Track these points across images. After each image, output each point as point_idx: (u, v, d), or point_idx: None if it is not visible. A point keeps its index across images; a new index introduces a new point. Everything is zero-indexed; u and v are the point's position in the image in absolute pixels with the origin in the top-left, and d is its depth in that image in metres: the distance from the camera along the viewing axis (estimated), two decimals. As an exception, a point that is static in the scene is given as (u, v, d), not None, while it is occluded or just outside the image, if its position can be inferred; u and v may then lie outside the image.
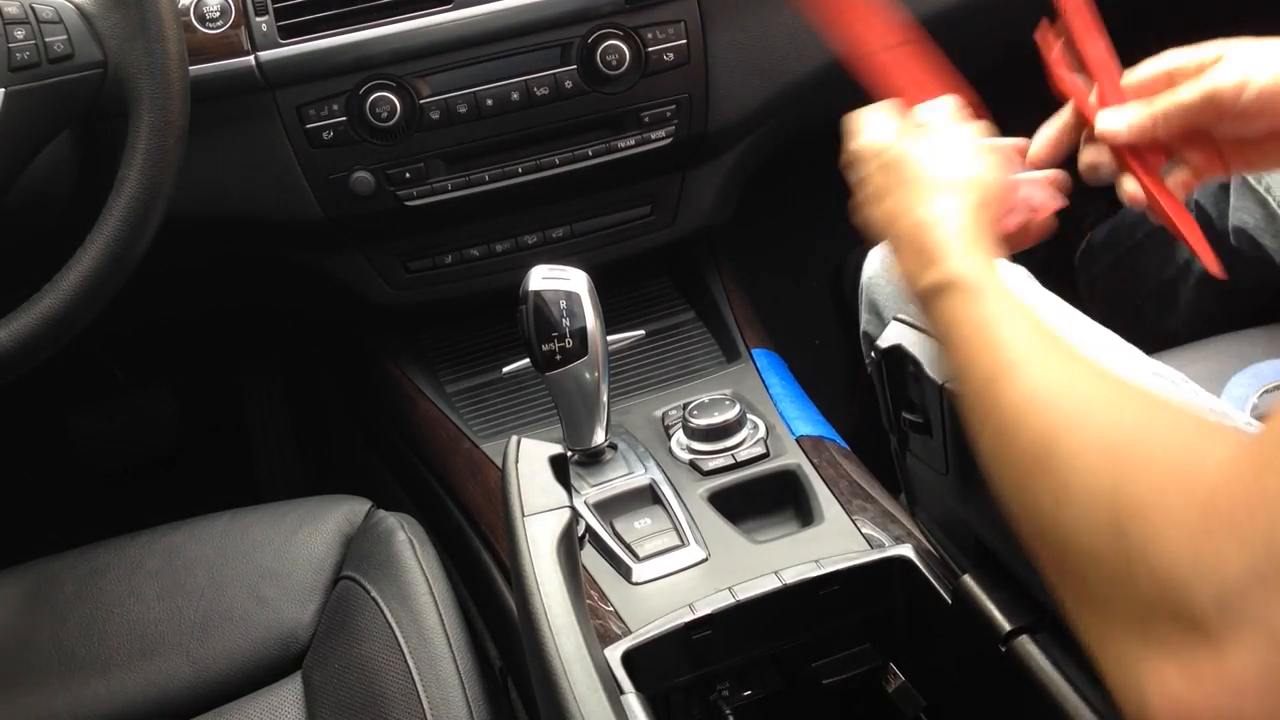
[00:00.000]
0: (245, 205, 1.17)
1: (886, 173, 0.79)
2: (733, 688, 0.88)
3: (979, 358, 0.65)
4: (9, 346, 0.88)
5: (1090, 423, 0.57)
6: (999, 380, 0.62)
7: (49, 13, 0.92)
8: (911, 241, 0.74)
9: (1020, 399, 0.61)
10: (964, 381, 0.67)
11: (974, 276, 0.69)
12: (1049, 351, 0.63)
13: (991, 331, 0.65)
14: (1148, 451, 0.53)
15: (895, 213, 0.76)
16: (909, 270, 0.74)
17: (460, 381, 1.30)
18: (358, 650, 0.95)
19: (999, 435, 0.62)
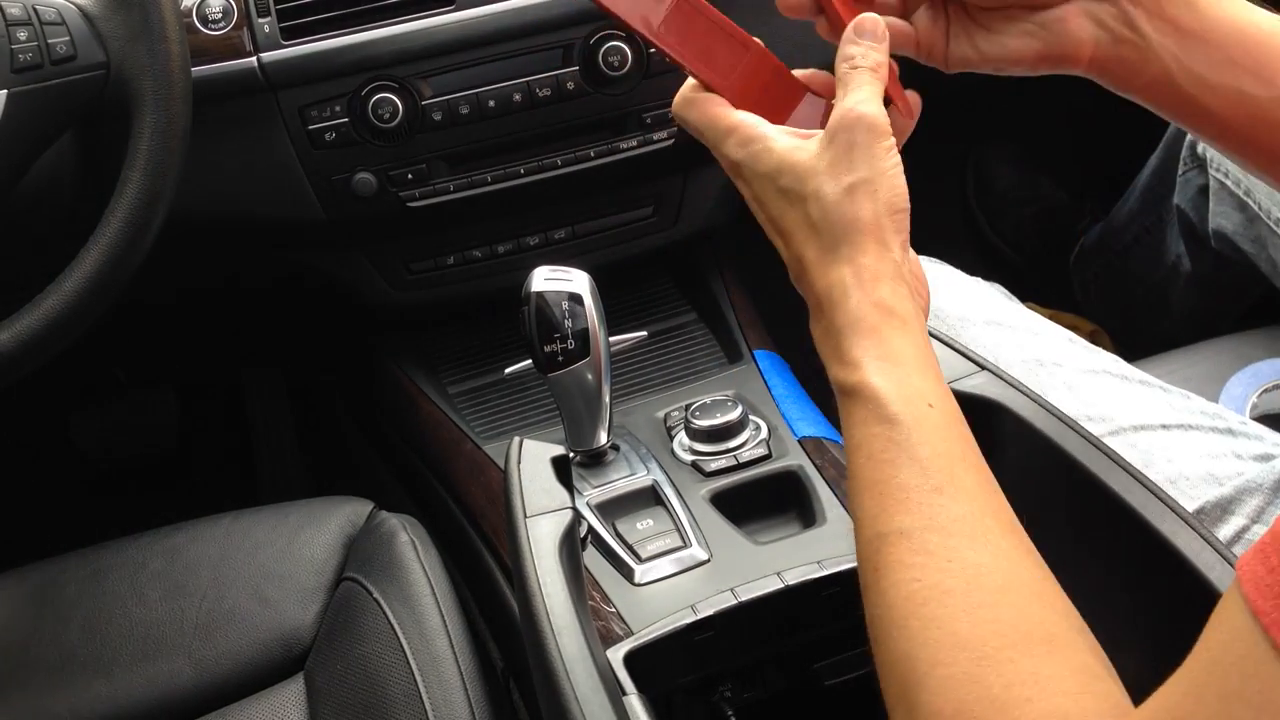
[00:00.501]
0: (247, 206, 1.17)
1: (784, 205, 0.67)
2: (735, 689, 0.88)
3: (868, 495, 0.60)
4: (11, 347, 0.88)
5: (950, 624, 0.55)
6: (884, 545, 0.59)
7: (51, 14, 0.92)
8: (822, 315, 0.66)
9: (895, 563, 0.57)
10: (852, 504, 0.62)
11: (881, 384, 0.62)
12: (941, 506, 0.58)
13: (885, 465, 0.60)
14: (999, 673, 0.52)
15: (804, 266, 0.66)
16: (817, 341, 0.67)
17: (462, 382, 1.30)
18: (360, 651, 0.95)
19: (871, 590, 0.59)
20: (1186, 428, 0.95)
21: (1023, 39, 0.73)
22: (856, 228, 0.64)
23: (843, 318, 0.64)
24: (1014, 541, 0.58)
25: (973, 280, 1.13)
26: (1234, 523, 0.88)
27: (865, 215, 0.64)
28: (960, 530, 0.57)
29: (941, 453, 0.60)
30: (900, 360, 0.63)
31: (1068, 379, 0.99)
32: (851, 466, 0.62)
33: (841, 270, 0.64)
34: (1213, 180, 1.22)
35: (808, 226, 0.65)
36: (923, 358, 0.64)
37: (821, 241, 0.65)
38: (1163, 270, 1.44)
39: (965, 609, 0.55)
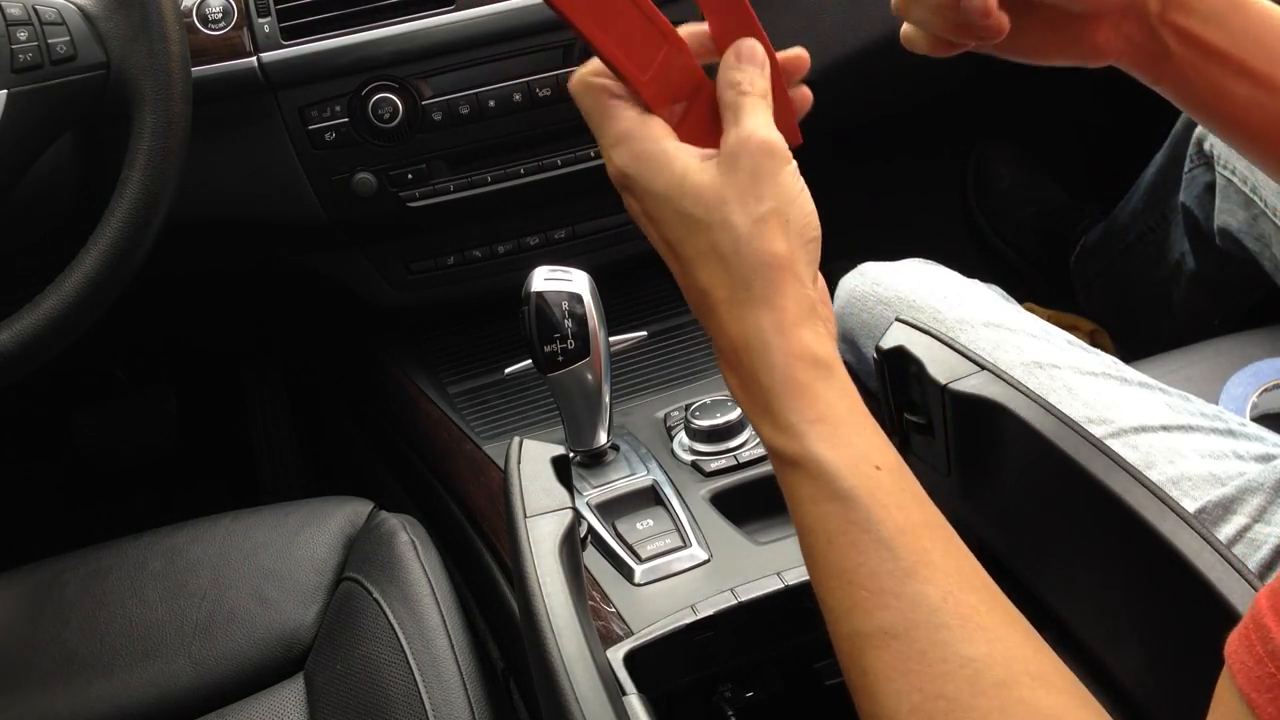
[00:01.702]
0: (247, 206, 1.17)
1: (684, 228, 0.60)
2: (735, 689, 0.88)
3: (836, 585, 0.57)
4: (11, 347, 0.88)
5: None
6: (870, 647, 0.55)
7: (51, 14, 0.92)
8: (741, 368, 0.60)
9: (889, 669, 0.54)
10: (818, 591, 0.59)
11: (825, 454, 0.57)
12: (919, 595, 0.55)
13: (848, 550, 0.56)
14: None
15: (712, 303, 0.60)
16: (744, 405, 0.61)
17: (462, 382, 1.30)
18: (360, 651, 0.95)
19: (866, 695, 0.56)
20: (1187, 429, 0.95)
21: (1044, 35, 0.74)
22: (772, 264, 0.59)
23: (767, 375, 0.58)
24: (998, 617, 0.56)
25: (970, 282, 1.13)
26: (1235, 522, 0.88)
27: (780, 250, 0.59)
28: (946, 621, 0.54)
29: (903, 527, 0.56)
30: (837, 420, 0.58)
31: (1067, 381, 0.99)
32: (808, 550, 0.58)
33: (759, 315, 0.59)
34: (1219, 177, 1.22)
35: (715, 259, 0.60)
36: (854, 408, 0.59)
37: (732, 278, 0.59)
38: (1166, 269, 1.44)
39: (975, 717, 0.52)
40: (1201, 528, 0.75)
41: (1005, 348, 1.01)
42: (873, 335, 1.18)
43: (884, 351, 0.82)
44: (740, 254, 0.59)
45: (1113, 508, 0.71)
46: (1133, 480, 0.79)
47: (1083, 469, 0.74)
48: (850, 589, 0.56)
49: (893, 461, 0.59)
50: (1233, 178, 1.20)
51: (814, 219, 0.61)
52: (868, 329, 1.19)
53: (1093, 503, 0.71)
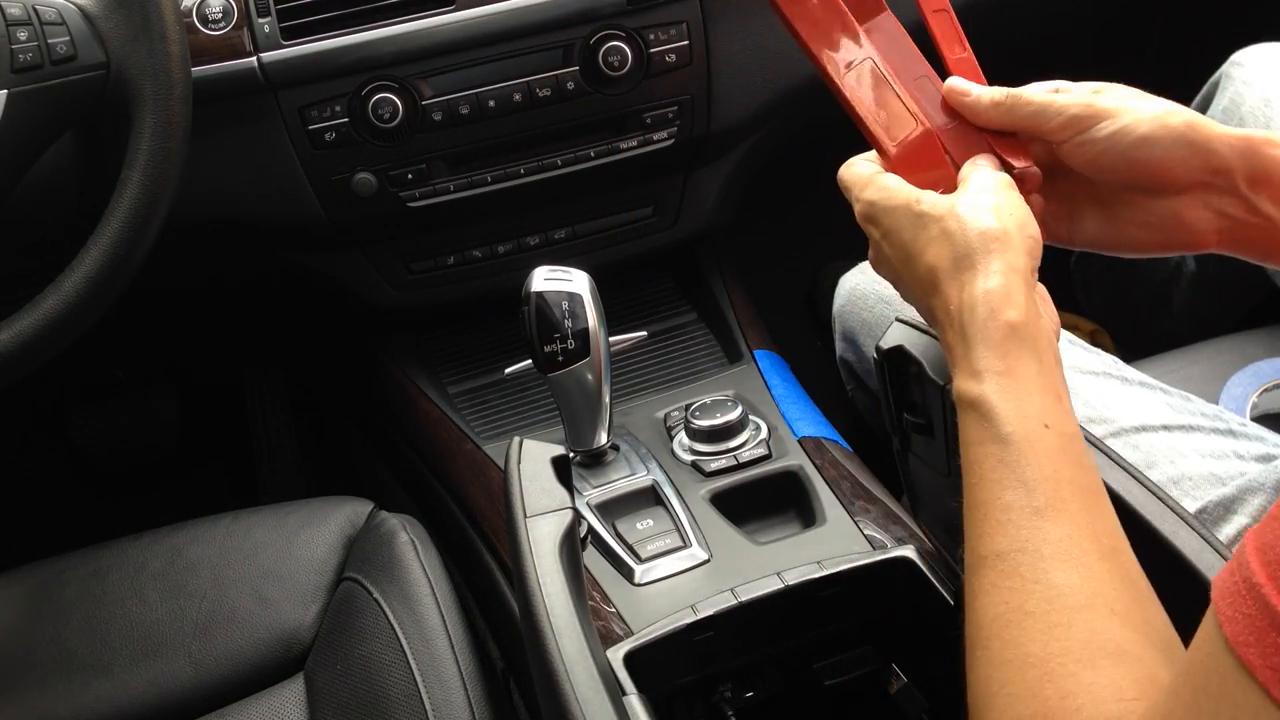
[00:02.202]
0: (247, 206, 1.17)
1: (919, 227, 0.70)
2: (735, 689, 0.88)
3: (975, 515, 0.62)
4: (11, 347, 0.88)
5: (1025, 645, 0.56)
6: (981, 567, 0.60)
7: (52, 14, 0.92)
8: (952, 325, 0.67)
9: (988, 585, 0.59)
10: (964, 521, 0.64)
11: (999, 401, 0.63)
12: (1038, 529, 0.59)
13: (992, 485, 0.62)
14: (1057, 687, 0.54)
15: (931, 278, 0.69)
16: (946, 354, 0.69)
17: (462, 382, 1.30)
18: (360, 651, 0.95)
19: (968, 610, 0.61)
20: (1188, 429, 0.95)
21: (1140, 229, 0.75)
22: (992, 236, 0.67)
23: (972, 327, 0.65)
24: (1110, 564, 0.59)
25: None
26: (1236, 522, 0.88)
27: (1002, 227, 0.67)
28: (1053, 553, 0.58)
29: (1049, 475, 0.61)
30: (1021, 377, 0.64)
31: (1068, 381, 0.99)
32: (966, 487, 0.64)
33: (974, 279, 0.66)
34: None
35: (943, 238, 0.68)
36: (1045, 378, 0.65)
37: (956, 250, 0.67)
38: (1166, 270, 1.44)
39: (1041, 629, 0.56)
40: (1201, 528, 0.75)
41: None
42: (874, 334, 1.18)
43: (884, 351, 0.82)
44: (964, 230, 0.68)
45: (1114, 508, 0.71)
46: (1133, 480, 0.79)
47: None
48: (984, 520, 0.61)
49: (1067, 429, 0.64)
50: None
51: (1033, 221, 0.70)
52: (868, 327, 1.19)
53: (1093, 503, 0.71)
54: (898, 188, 0.72)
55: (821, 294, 1.62)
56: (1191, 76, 1.27)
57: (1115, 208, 0.76)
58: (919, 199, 0.71)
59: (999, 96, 0.75)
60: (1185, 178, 0.72)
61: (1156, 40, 1.76)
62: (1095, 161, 0.73)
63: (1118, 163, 0.72)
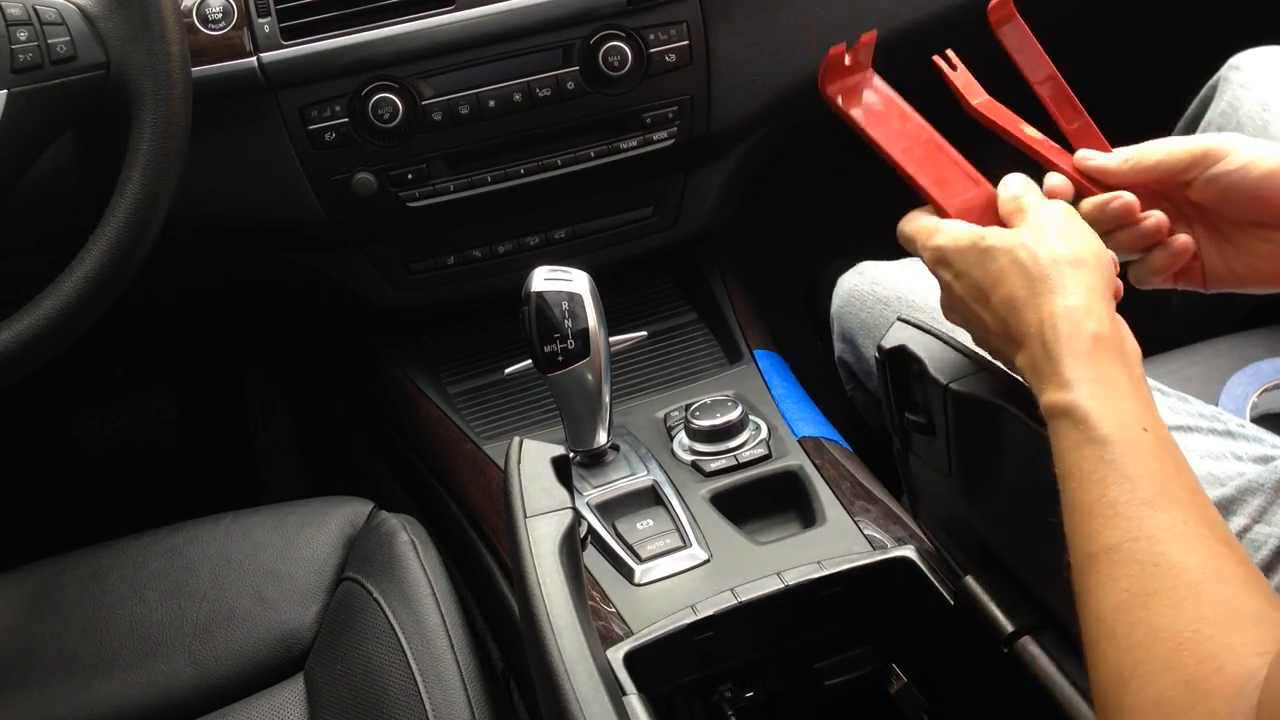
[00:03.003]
0: (247, 206, 1.17)
1: (988, 261, 0.72)
2: (735, 689, 0.88)
3: (1080, 516, 0.62)
4: (11, 348, 0.88)
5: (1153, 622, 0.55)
6: (1094, 564, 0.60)
7: (52, 14, 0.92)
8: (1030, 344, 0.69)
9: (1104, 578, 0.59)
10: (1066, 525, 0.63)
11: (1094, 406, 0.64)
12: (1149, 518, 0.59)
13: (1095, 485, 0.62)
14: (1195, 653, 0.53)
15: (1009, 307, 0.70)
16: (1029, 376, 0.69)
17: (462, 382, 1.30)
18: (360, 651, 0.95)
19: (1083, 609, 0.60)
20: (1186, 430, 0.95)
21: (1270, 261, 0.77)
22: (1069, 260, 0.69)
23: (1055, 344, 0.66)
24: (1228, 548, 0.59)
25: None
26: (1235, 523, 0.88)
27: (1069, 251, 0.70)
28: (1169, 537, 0.58)
29: (1153, 471, 0.61)
30: (1113, 384, 0.65)
31: None
32: (1064, 493, 0.64)
33: (1053, 300, 0.68)
34: None
35: (1016, 268, 0.70)
36: (1136, 387, 0.66)
37: (1030, 277, 0.69)
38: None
39: (1169, 604, 0.56)
40: (1202, 528, 0.75)
41: None
42: (872, 335, 1.18)
43: (886, 351, 0.82)
44: (1037, 257, 0.70)
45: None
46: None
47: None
48: (1090, 518, 0.61)
49: (1163, 434, 0.64)
50: None
51: (1101, 245, 0.73)
52: (867, 329, 1.19)
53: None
54: (962, 229, 0.75)
55: (821, 294, 1.62)
56: (1190, 79, 1.27)
57: (1244, 242, 0.77)
58: (984, 235, 0.73)
59: (1127, 155, 0.79)
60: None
61: (1156, 42, 1.76)
62: (1226, 194, 0.75)
63: (1247, 196, 0.74)
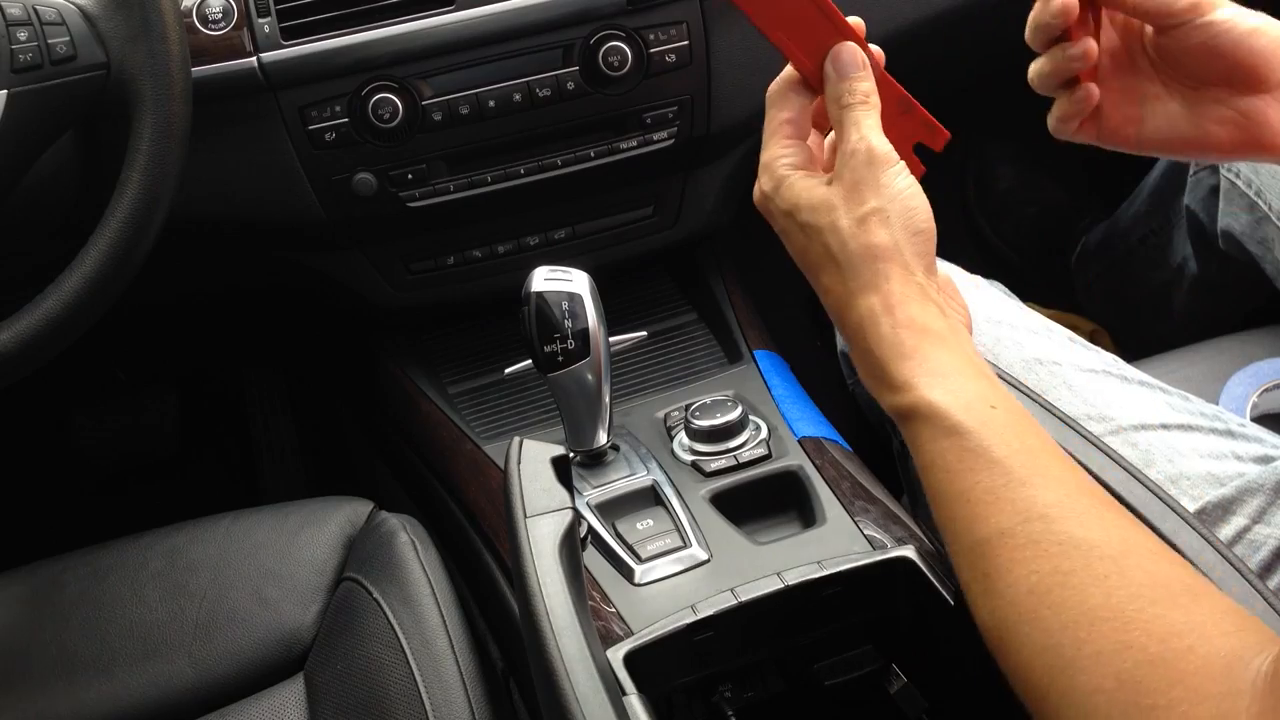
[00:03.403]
0: (247, 207, 1.17)
1: (806, 240, 0.69)
2: (735, 689, 0.88)
3: (954, 506, 0.60)
4: (11, 348, 0.88)
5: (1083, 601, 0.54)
6: (987, 549, 0.58)
7: (51, 14, 0.92)
8: (858, 347, 0.67)
9: (1006, 562, 0.57)
10: (938, 519, 0.62)
11: (936, 399, 0.62)
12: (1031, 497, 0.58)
13: (964, 475, 0.60)
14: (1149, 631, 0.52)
15: (833, 300, 0.68)
16: (866, 380, 0.67)
17: (462, 383, 1.30)
18: (360, 651, 0.95)
19: (985, 595, 0.58)
20: (1187, 428, 0.95)
21: (1224, 125, 0.74)
22: (875, 254, 0.66)
23: (879, 346, 0.65)
24: (1116, 514, 0.58)
25: (972, 278, 1.13)
26: (1235, 523, 0.88)
27: (882, 241, 0.66)
28: (1060, 514, 0.57)
29: (1018, 449, 0.60)
30: (946, 372, 0.63)
31: (1067, 378, 0.99)
32: (930, 486, 0.62)
33: (869, 299, 0.66)
34: (1224, 180, 1.22)
35: (829, 259, 0.67)
36: (970, 366, 0.64)
37: (844, 272, 0.67)
38: (1168, 272, 1.44)
39: (1093, 581, 0.54)
40: (1201, 528, 0.75)
41: (1006, 344, 1.01)
42: None
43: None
44: (848, 249, 0.66)
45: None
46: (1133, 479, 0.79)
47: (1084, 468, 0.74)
48: (968, 504, 0.60)
49: (1010, 404, 0.63)
50: (1237, 180, 1.20)
51: (920, 213, 0.68)
52: None
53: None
54: (784, 183, 0.70)
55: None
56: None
57: (1199, 105, 0.75)
58: (799, 206, 0.69)
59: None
60: (1271, 76, 0.73)
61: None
62: (1208, 45, 0.72)
63: (1227, 48, 0.72)
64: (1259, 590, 0.70)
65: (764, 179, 0.72)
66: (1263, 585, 0.71)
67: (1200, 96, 0.75)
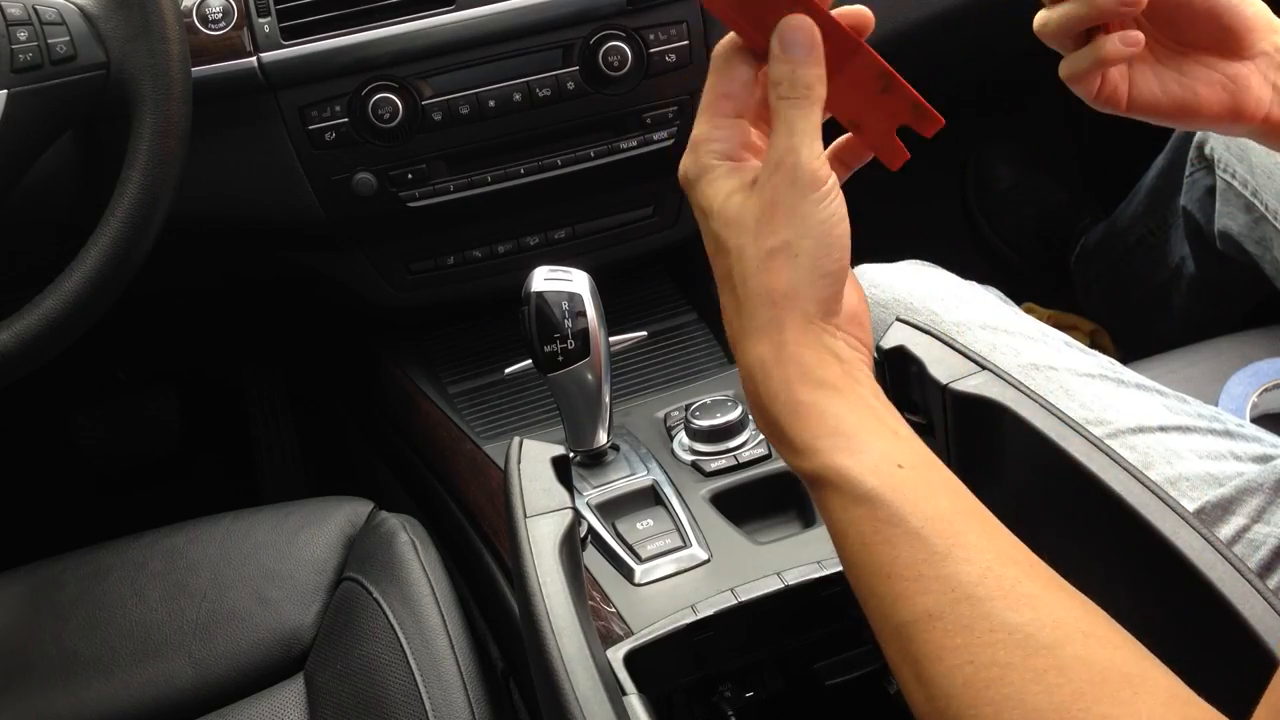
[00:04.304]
0: (247, 206, 1.17)
1: (710, 244, 0.61)
2: (735, 689, 0.88)
3: (875, 583, 0.56)
4: (11, 348, 0.88)
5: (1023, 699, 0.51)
6: (915, 632, 0.54)
7: (52, 14, 0.92)
8: (751, 396, 0.61)
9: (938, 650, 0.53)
10: (859, 593, 0.58)
11: (841, 465, 0.57)
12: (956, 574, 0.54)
13: (880, 547, 0.56)
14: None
15: (730, 330, 0.61)
16: (765, 434, 0.62)
17: (462, 382, 1.30)
18: (360, 651, 0.95)
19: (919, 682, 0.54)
20: (1184, 430, 0.95)
21: (1213, 89, 0.75)
22: (773, 300, 0.59)
23: (772, 402, 0.59)
24: (1042, 584, 0.55)
25: (968, 285, 1.13)
26: (1235, 522, 0.88)
27: (781, 286, 0.59)
28: (987, 593, 0.54)
29: (932, 515, 0.56)
30: (849, 432, 0.58)
31: (1064, 383, 0.99)
32: (845, 555, 0.58)
33: (760, 346, 0.59)
34: (1220, 181, 1.22)
35: (730, 287, 0.60)
36: (872, 419, 0.59)
37: (741, 309, 0.60)
38: (1166, 273, 1.44)
39: (1031, 678, 0.51)
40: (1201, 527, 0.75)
41: (1002, 350, 1.01)
42: None
43: (885, 351, 0.82)
44: (748, 285, 0.59)
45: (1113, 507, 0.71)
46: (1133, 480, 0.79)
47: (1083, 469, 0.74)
48: (890, 582, 0.56)
49: (917, 459, 0.58)
50: (1233, 181, 1.20)
51: (835, 251, 0.59)
52: None
53: (1093, 503, 0.71)
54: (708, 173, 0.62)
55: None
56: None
57: (1188, 68, 0.75)
58: (714, 211, 0.61)
59: None
60: (1255, 44, 0.74)
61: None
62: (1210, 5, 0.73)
63: (1224, 10, 0.73)
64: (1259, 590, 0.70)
65: (688, 159, 0.63)
66: (1263, 585, 0.71)
67: (1188, 60, 0.75)
